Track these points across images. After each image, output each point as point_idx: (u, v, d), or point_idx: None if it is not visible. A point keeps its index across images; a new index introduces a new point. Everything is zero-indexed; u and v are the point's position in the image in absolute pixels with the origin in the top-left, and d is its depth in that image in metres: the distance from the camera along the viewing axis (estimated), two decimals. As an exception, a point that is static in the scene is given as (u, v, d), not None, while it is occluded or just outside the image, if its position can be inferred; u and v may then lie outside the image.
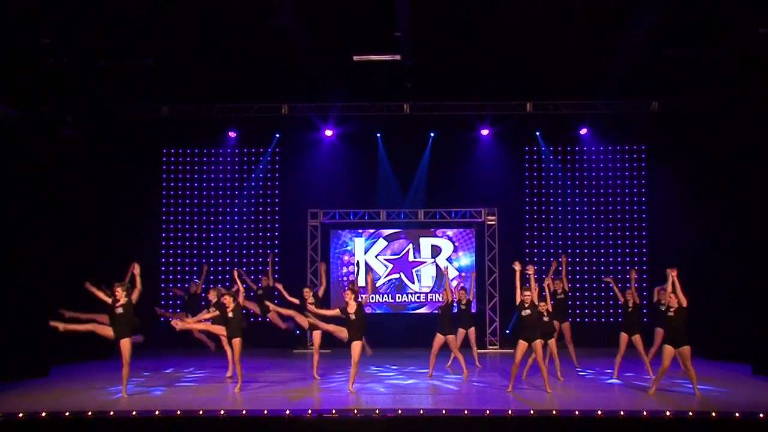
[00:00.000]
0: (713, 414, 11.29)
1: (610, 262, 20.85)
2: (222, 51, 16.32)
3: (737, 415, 11.28)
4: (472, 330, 16.50)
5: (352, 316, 13.62)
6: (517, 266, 13.53)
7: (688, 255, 19.26)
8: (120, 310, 13.02)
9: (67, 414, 11.50)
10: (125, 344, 13.02)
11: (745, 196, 17.39)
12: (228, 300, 13.93)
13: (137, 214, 20.77)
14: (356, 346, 13.55)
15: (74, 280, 15.42)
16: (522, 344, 13.36)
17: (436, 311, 16.99)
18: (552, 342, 14.61)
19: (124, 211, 20.33)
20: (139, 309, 13.54)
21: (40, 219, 16.79)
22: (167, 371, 16.24)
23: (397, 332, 20.33)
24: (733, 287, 17.44)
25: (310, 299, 15.37)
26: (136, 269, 13.34)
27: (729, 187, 17.98)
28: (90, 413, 11.54)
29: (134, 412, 11.62)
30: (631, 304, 14.83)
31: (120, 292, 13.10)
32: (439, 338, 15.28)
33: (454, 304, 15.92)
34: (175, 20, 14.53)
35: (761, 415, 11.24)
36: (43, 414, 11.40)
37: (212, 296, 15.23)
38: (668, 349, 12.85)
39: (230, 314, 13.93)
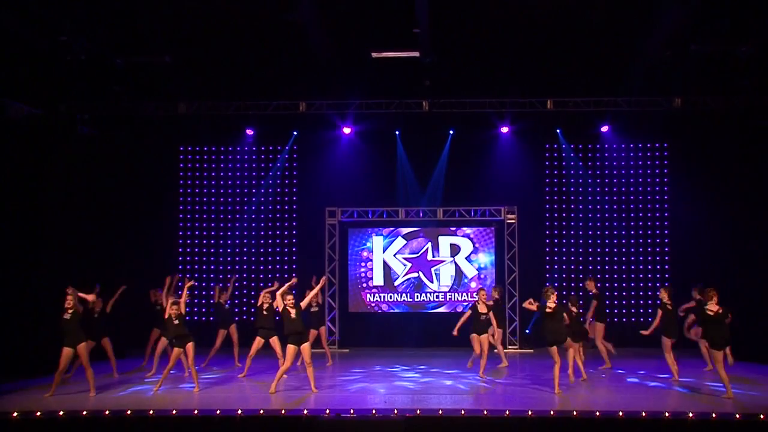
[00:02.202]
0: (737, 415, 11.28)
1: (632, 261, 20.73)
2: (239, 48, 16.38)
3: (762, 416, 11.25)
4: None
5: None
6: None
7: (711, 255, 19.23)
8: (67, 317, 13.19)
9: (83, 413, 11.64)
10: (80, 350, 13.23)
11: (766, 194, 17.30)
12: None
13: (154, 211, 20.85)
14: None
15: (91, 275, 15.62)
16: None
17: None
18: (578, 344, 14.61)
19: (140, 208, 20.43)
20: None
21: (57, 215, 16.92)
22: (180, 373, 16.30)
23: (416, 331, 20.33)
24: (760, 288, 17.31)
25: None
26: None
27: (754, 187, 17.87)
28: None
29: (151, 411, 11.69)
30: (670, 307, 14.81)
31: (69, 300, 13.26)
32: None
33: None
34: (192, 17, 14.61)
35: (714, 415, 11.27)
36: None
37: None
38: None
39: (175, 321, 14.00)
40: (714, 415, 11.28)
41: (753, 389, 13.77)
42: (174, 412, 11.71)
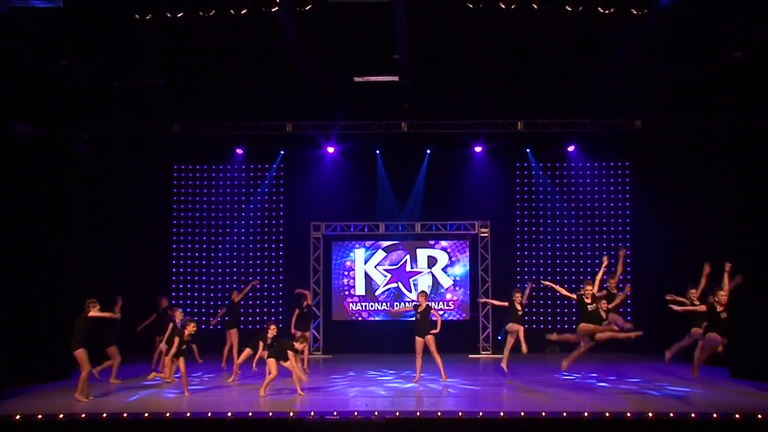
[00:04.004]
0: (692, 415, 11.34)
1: (595, 272, 20.75)
2: (229, 72, 16.36)
3: (715, 415, 11.32)
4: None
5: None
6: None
7: (669, 264, 19.35)
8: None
9: (82, 416, 11.55)
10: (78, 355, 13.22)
11: (723, 210, 17.39)
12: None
13: (149, 225, 20.79)
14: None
15: (90, 289, 15.52)
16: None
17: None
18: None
19: (136, 222, 20.35)
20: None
21: (57, 231, 16.80)
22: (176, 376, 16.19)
23: (395, 339, 20.28)
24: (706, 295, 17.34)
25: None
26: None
27: (708, 202, 18.00)
28: (105, 414, 11.57)
29: (146, 414, 11.63)
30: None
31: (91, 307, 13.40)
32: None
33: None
34: (184, 43, 14.58)
35: (737, 416, 11.28)
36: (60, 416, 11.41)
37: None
38: None
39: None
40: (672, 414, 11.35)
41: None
42: (168, 414, 11.66)
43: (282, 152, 20.95)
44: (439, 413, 11.70)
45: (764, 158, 16.03)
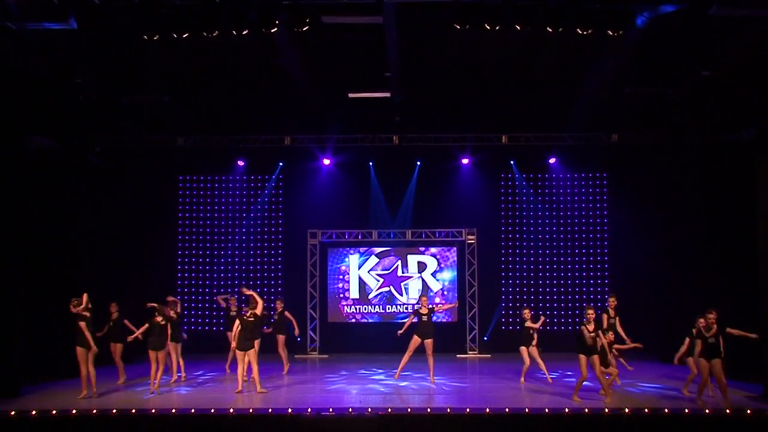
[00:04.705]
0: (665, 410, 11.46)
1: (576, 276, 20.98)
2: (231, 89, 16.46)
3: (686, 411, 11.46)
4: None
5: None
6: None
7: (644, 269, 19.50)
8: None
9: (93, 412, 11.61)
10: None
11: (693, 217, 17.54)
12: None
13: (156, 233, 20.78)
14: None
15: (99, 293, 15.57)
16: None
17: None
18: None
19: (143, 230, 20.36)
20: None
21: (70, 237, 16.87)
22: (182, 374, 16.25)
23: (388, 339, 20.29)
24: (686, 296, 17.44)
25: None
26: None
27: (681, 210, 18.12)
28: (115, 411, 11.63)
29: (153, 410, 11.70)
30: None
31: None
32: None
33: None
34: (189, 62, 14.67)
35: (707, 411, 11.40)
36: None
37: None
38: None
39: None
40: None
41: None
42: (173, 410, 11.72)
43: (281, 164, 21.00)
44: (428, 409, 11.78)
45: (730, 170, 16.21)
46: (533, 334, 14.80)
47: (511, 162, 20.91)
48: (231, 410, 11.61)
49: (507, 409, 11.63)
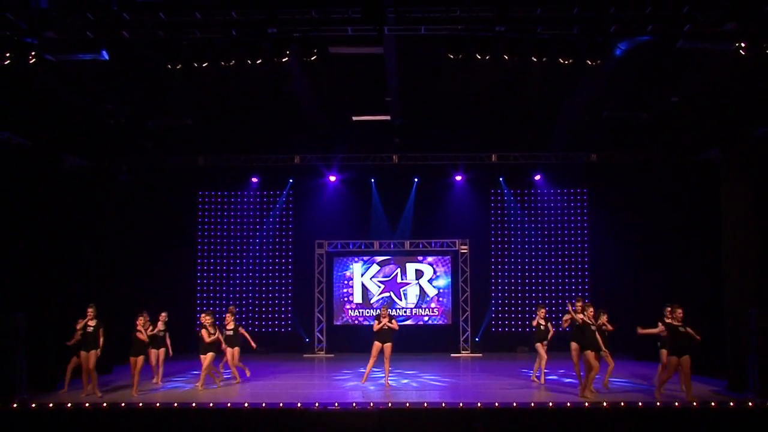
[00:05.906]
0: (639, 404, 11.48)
1: (559, 282, 21.01)
2: (246, 113, 16.49)
3: (658, 404, 11.47)
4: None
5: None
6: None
7: (621, 277, 19.52)
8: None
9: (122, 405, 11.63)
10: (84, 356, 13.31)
11: (665, 228, 17.56)
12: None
13: (177, 244, 20.84)
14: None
15: (124, 301, 15.64)
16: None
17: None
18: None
19: (166, 241, 20.44)
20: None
21: (98, 249, 16.89)
22: (195, 372, 16.17)
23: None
24: (658, 300, 17.42)
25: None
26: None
27: (654, 223, 18.14)
28: (123, 404, 11.65)
29: (175, 404, 11.71)
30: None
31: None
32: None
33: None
34: (208, 88, 14.71)
35: (676, 404, 11.41)
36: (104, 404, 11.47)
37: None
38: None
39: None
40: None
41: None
42: (194, 405, 11.75)
43: (291, 180, 21.07)
44: (425, 404, 11.79)
45: (698, 186, 16.27)
46: (545, 330, 14.66)
47: (500, 179, 20.98)
48: (246, 404, 11.63)
49: (497, 404, 11.64)
